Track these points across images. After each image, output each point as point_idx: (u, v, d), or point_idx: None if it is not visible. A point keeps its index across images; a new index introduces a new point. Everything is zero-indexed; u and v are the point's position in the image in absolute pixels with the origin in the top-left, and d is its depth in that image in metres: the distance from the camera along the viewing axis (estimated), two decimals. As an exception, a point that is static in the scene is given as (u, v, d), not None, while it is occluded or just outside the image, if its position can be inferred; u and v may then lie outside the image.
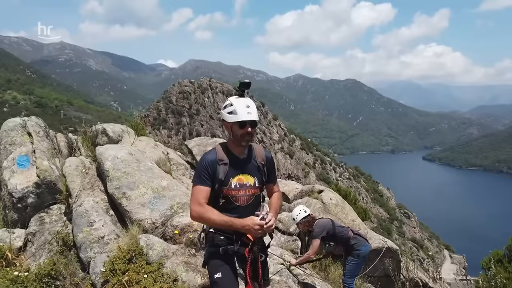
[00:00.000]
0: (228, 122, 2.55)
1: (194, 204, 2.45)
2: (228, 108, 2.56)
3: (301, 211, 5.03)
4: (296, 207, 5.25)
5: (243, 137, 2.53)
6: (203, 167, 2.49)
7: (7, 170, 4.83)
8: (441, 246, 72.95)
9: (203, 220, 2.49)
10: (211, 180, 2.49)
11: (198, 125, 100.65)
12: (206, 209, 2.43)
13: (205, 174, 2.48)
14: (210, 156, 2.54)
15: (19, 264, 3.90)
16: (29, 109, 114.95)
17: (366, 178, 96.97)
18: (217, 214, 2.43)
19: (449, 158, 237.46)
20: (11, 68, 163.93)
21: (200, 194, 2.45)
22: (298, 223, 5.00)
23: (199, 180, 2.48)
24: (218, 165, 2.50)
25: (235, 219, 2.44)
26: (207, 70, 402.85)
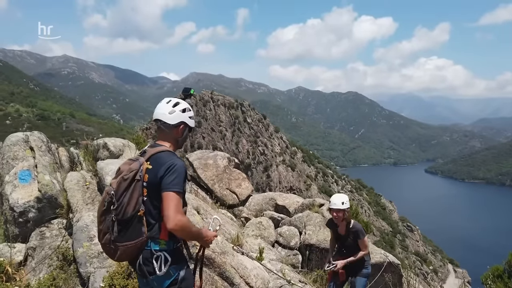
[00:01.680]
0: (187, 126, 2.57)
1: (178, 214, 2.20)
2: (190, 113, 2.59)
3: (347, 200, 4.72)
4: (339, 194, 4.99)
5: (185, 141, 2.67)
6: (184, 173, 2.35)
7: (9, 185, 4.87)
8: (445, 260, 72.16)
9: (184, 231, 2.26)
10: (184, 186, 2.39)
11: (200, 137, 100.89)
12: (188, 220, 2.30)
13: (185, 181, 2.36)
14: (181, 160, 2.41)
15: (19, 279, 3.91)
16: (31, 121, 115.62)
17: (368, 191, 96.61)
18: (194, 224, 2.37)
19: (451, 171, 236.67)
20: (14, 81, 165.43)
21: (180, 202, 2.27)
22: (344, 209, 4.56)
23: (181, 188, 2.29)
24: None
25: (201, 229, 2.45)
26: (209, 83, 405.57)
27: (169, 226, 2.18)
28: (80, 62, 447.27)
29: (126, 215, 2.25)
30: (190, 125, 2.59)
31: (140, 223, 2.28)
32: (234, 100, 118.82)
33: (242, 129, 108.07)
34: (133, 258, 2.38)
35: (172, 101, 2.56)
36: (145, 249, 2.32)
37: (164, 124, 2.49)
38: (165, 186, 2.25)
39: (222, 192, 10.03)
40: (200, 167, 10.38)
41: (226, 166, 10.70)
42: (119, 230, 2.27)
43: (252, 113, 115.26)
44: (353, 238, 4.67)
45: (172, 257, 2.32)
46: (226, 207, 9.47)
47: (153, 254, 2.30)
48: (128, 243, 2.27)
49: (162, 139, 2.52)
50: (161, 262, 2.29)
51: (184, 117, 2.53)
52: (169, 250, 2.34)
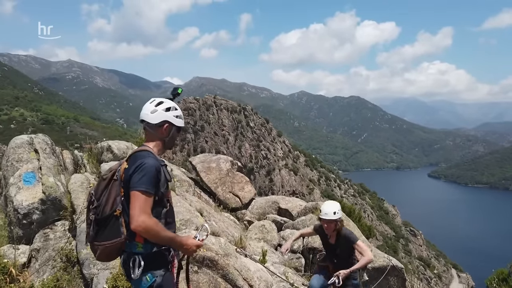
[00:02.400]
0: (173, 125, 2.50)
1: (142, 214, 2.09)
2: (175, 112, 2.52)
3: (340, 209, 4.33)
4: (331, 201, 4.53)
5: (175, 141, 2.60)
6: (154, 172, 2.22)
7: (14, 187, 4.89)
8: (448, 265, 71.64)
9: (149, 234, 2.14)
10: (157, 186, 2.25)
11: (203, 141, 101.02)
12: (155, 222, 2.16)
13: (154, 180, 2.22)
14: (155, 160, 2.30)
15: (23, 280, 3.92)
16: (36, 125, 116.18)
17: (371, 195, 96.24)
18: (163, 228, 2.20)
19: (455, 176, 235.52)
20: (19, 86, 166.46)
21: (147, 202, 2.16)
22: (336, 220, 4.20)
23: (148, 187, 2.17)
24: (161, 167, 2.34)
25: (177, 236, 2.31)
26: (212, 87, 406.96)
27: (131, 226, 2.11)
28: (84, 67, 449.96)
29: (104, 214, 2.22)
30: (176, 124, 2.52)
31: (118, 223, 2.22)
32: (237, 104, 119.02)
33: (245, 133, 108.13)
34: (113, 258, 2.37)
35: (156, 100, 2.51)
36: (125, 251, 2.28)
37: (148, 124, 2.44)
38: (132, 185, 2.19)
39: (225, 195, 10.03)
40: (203, 170, 10.39)
41: (229, 170, 10.71)
42: (97, 230, 2.24)
43: (255, 117, 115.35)
44: (345, 246, 4.30)
45: (147, 262, 2.23)
46: (229, 210, 9.46)
47: (130, 257, 2.25)
48: (106, 242, 2.21)
49: (148, 140, 2.46)
50: (135, 265, 2.22)
51: (167, 116, 2.47)
52: (146, 254, 2.24)
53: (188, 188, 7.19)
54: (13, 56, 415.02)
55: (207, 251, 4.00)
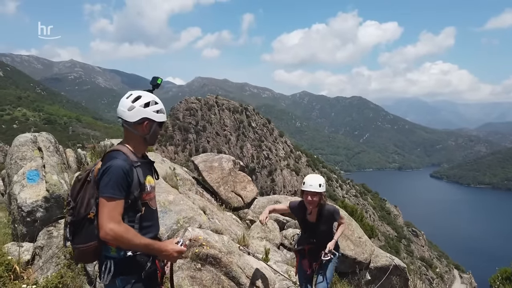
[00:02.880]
0: (154, 121, 2.31)
1: (110, 222, 1.97)
2: (155, 106, 2.31)
3: (324, 183, 3.95)
4: (315, 175, 4.14)
5: (158, 137, 2.42)
6: (121, 175, 2.08)
7: (17, 185, 4.91)
8: (450, 266, 71.48)
9: (119, 242, 2.01)
10: (127, 190, 2.12)
11: (205, 141, 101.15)
12: (126, 228, 2.04)
13: (123, 184, 2.09)
14: (124, 160, 2.14)
15: (27, 277, 3.94)
16: (38, 125, 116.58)
17: (373, 196, 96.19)
18: (136, 235, 2.07)
19: (457, 176, 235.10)
20: (21, 86, 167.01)
21: (116, 208, 2.03)
22: (321, 193, 3.82)
23: (115, 192, 2.04)
24: (134, 168, 2.18)
25: (155, 243, 2.16)
26: (214, 87, 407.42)
27: (100, 235, 2.00)
28: (87, 67, 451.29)
29: (79, 216, 2.15)
30: (157, 120, 2.32)
31: (92, 226, 2.12)
32: (239, 104, 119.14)
33: (246, 134, 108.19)
34: (91, 261, 2.31)
35: (133, 95, 2.29)
36: (101, 254, 2.20)
37: (126, 122, 2.25)
38: (99, 190, 2.08)
39: (227, 195, 10.03)
40: (205, 169, 10.40)
41: (231, 169, 10.72)
42: (74, 232, 2.18)
43: (256, 118, 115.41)
44: (330, 222, 3.98)
45: (117, 267, 2.12)
46: (231, 209, 9.47)
47: (103, 261, 2.17)
48: (82, 245, 2.16)
49: (127, 138, 2.30)
50: (105, 270, 2.13)
51: (147, 112, 2.27)
52: (118, 258, 2.14)
53: (190, 186, 7.21)
54: (15, 56, 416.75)
55: (210, 249, 4.01)
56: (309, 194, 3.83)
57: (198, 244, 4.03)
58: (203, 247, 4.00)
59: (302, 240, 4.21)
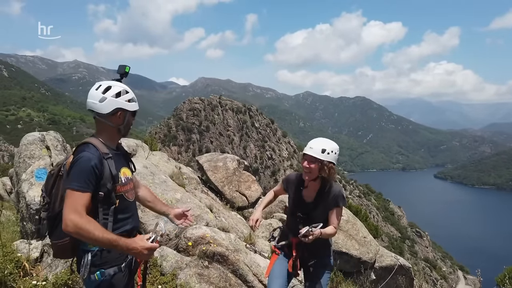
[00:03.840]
0: (127, 111, 2.24)
1: (70, 213, 1.90)
2: (127, 96, 2.24)
3: (335, 151, 2.97)
4: (325, 139, 3.06)
5: (130, 126, 2.34)
6: (87, 168, 2.00)
7: (26, 183, 4.96)
8: (454, 267, 71.15)
9: (81, 234, 1.91)
10: (95, 183, 2.04)
11: (208, 141, 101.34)
12: (87, 220, 1.93)
13: (90, 176, 2.01)
14: (92, 153, 2.06)
15: (36, 274, 3.98)
16: (42, 125, 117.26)
17: (376, 196, 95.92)
18: (100, 228, 1.95)
19: (461, 177, 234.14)
20: (26, 86, 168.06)
21: (79, 200, 1.95)
22: (323, 161, 2.89)
23: (80, 185, 1.97)
24: (105, 160, 2.11)
25: (120, 239, 1.99)
26: (217, 88, 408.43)
27: (62, 227, 1.92)
28: (90, 68, 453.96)
29: (54, 212, 2.11)
30: (129, 109, 2.25)
31: None
32: (242, 104, 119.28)
33: (250, 134, 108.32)
34: (69, 257, 2.25)
35: (102, 86, 2.20)
36: (79, 248, 2.14)
37: (98, 114, 2.18)
38: (65, 183, 2.04)
39: (232, 194, 10.06)
40: (210, 169, 10.43)
41: (235, 169, 10.74)
42: (50, 227, 2.14)
43: (260, 118, 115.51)
44: (326, 209, 2.98)
45: (97, 259, 2.07)
46: (235, 209, 9.50)
47: (81, 255, 2.11)
48: (58, 241, 2.12)
49: (100, 130, 2.23)
50: (83, 264, 2.06)
51: (119, 102, 2.19)
52: (96, 251, 2.08)
53: (196, 185, 7.25)
54: (20, 57, 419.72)
55: (217, 247, 4.03)
56: (307, 158, 2.93)
57: (206, 242, 4.05)
58: (210, 245, 4.03)
59: (286, 231, 3.15)
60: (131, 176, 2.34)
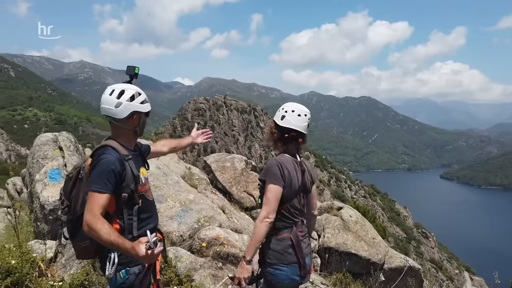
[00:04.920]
0: (142, 113, 2.27)
1: (86, 213, 1.97)
2: (140, 98, 2.26)
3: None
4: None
5: (145, 126, 2.38)
6: (107, 170, 2.04)
7: (40, 183, 5.00)
8: (461, 268, 70.65)
9: (91, 234, 1.97)
10: (115, 184, 2.08)
11: (213, 142, 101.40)
12: (102, 223, 1.96)
13: (110, 178, 2.04)
14: (112, 155, 2.10)
15: (51, 275, 4.01)
16: (49, 125, 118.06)
17: (382, 197, 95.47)
18: (108, 229, 1.97)
19: (467, 177, 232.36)
20: (32, 86, 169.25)
21: (96, 201, 1.99)
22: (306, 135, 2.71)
23: (99, 186, 2.01)
24: (126, 161, 2.15)
25: (124, 243, 1.95)
26: (222, 88, 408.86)
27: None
28: (96, 68, 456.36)
29: (76, 214, 2.16)
30: (143, 111, 2.28)
31: None
32: (247, 104, 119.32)
33: (255, 134, 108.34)
34: (93, 257, 2.30)
35: (116, 91, 2.22)
36: (103, 249, 2.18)
37: (114, 119, 2.21)
38: (88, 185, 2.08)
39: (240, 195, 10.07)
40: (217, 169, 10.45)
41: (243, 169, 10.75)
42: (73, 230, 2.19)
43: (265, 118, 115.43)
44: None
45: (121, 259, 2.12)
46: (243, 209, 9.51)
47: (106, 255, 2.15)
48: (82, 243, 2.17)
49: (116, 133, 2.27)
50: (109, 263, 2.10)
51: (134, 106, 2.22)
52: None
53: (206, 186, 7.28)
54: (27, 57, 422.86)
55: (231, 248, 4.04)
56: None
57: (219, 243, 4.07)
58: (224, 246, 4.05)
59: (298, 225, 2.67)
60: (147, 175, 2.39)
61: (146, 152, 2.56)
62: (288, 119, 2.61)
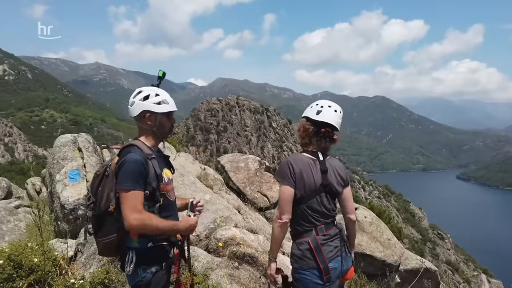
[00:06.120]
0: (157, 113, 2.31)
1: (132, 212, 2.06)
2: (155, 98, 2.31)
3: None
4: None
5: (170, 129, 2.42)
6: (136, 168, 2.14)
7: (60, 184, 5.12)
8: (478, 270, 69.34)
9: (146, 229, 2.12)
10: (144, 182, 2.17)
11: (226, 142, 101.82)
12: (148, 216, 2.12)
13: (140, 176, 2.14)
14: (138, 154, 2.19)
15: (72, 273, 4.10)
16: (65, 126, 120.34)
17: (396, 197, 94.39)
18: (160, 219, 2.17)
19: (485, 177, 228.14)
20: (49, 88, 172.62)
21: (136, 199, 2.10)
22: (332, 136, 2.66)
23: (133, 184, 2.10)
24: (149, 160, 2.22)
25: (177, 221, 2.29)
26: (234, 88, 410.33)
27: (126, 227, 2.08)
28: (111, 69, 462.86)
29: (100, 210, 2.21)
30: (159, 111, 2.32)
31: (113, 219, 2.19)
32: (260, 105, 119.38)
33: (267, 134, 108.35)
34: (114, 254, 2.36)
35: (135, 91, 2.35)
36: (124, 245, 2.25)
37: (133, 118, 2.34)
38: (118, 184, 2.15)
39: (253, 195, 10.09)
40: (231, 169, 10.50)
41: (257, 169, 10.78)
42: (97, 226, 2.25)
43: (277, 118, 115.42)
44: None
45: (139, 257, 2.20)
46: (257, 209, 9.54)
47: (126, 252, 2.22)
48: (105, 238, 2.22)
49: (139, 133, 2.37)
50: (128, 260, 2.18)
51: (145, 105, 2.29)
52: (141, 249, 2.21)
53: (221, 186, 7.33)
54: (44, 59, 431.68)
55: (247, 248, 4.08)
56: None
57: (235, 243, 4.10)
58: (240, 246, 4.08)
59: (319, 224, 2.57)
60: (172, 177, 2.46)
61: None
62: (324, 113, 2.62)
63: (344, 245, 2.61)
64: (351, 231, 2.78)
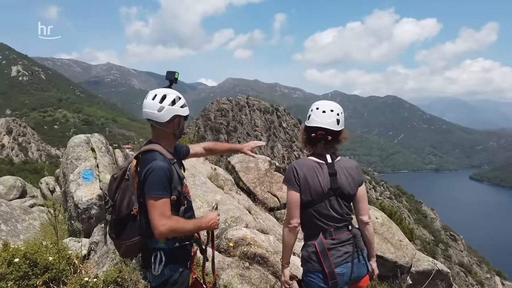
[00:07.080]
0: (181, 116, 2.37)
1: (161, 219, 2.10)
2: (180, 102, 2.36)
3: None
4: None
5: (183, 129, 2.48)
6: (163, 176, 2.17)
7: (73, 183, 5.21)
8: (492, 272, 68.22)
9: (176, 233, 2.18)
10: (170, 187, 2.21)
11: (236, 142, 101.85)
12: (176, 220, 2.17)
13: (166, 183, 2.18)
14: (161, 160, 2.22)
15: (85, 272, 4.17)
16: (77, 126, 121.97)
17: (408, 198, 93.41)
18: (185, 220, 2.24)
19: (499, 178, 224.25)
20: (62, 88, 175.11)
21: (164, 206, 2.14)
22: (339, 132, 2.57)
23: (161, 192, 2.15)
24: (172, 165, 2.27)
25: (199, 219, 2.36)
26: (244, 88, 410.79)
27: (156, 235, 2.12)
28: (122, 70, 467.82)
29: (121, 214, 2.23)
30: (183, 115, 2.39)
31: (136, 222, 2.24)
32: (270, 105, 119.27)
33: (277, 134, 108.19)
34: (136, 255, 2.40)
35: (158, 95, 2.31)
36: (146, 246, 2.30)
37: (157, 123, 2.31)
38: (145, 192, 2.16)
39: (264, 195, 10.11)
40: (242, 170, 10.53)
41: (267, 170, 10.79)
42: (117, 229, 2.28)
43: (287, 118, 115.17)
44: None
45: (168, 257, 2.25)
46: (267, 210, 9.54)
47: (152, 252, 2.26)
48: (128, 241, 2.26)
49: (157, 136, 2.37)
50: (156, 261, 2.23)
51: (175, 110, 2.32)
52: (168, 249, 2.26)
53: (231, 187, 7.38)
54: (56, 60, 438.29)
55: (258, 248, 4.10)
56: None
57: (246, 243, 4.13)
58: (251, 246, 4.10)
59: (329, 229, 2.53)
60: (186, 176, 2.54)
61: (184, 154, 2.74)
62: (313, 117, 2.55)
63: (358, 251, 2.52)
64: (366, 235, 2.62)
